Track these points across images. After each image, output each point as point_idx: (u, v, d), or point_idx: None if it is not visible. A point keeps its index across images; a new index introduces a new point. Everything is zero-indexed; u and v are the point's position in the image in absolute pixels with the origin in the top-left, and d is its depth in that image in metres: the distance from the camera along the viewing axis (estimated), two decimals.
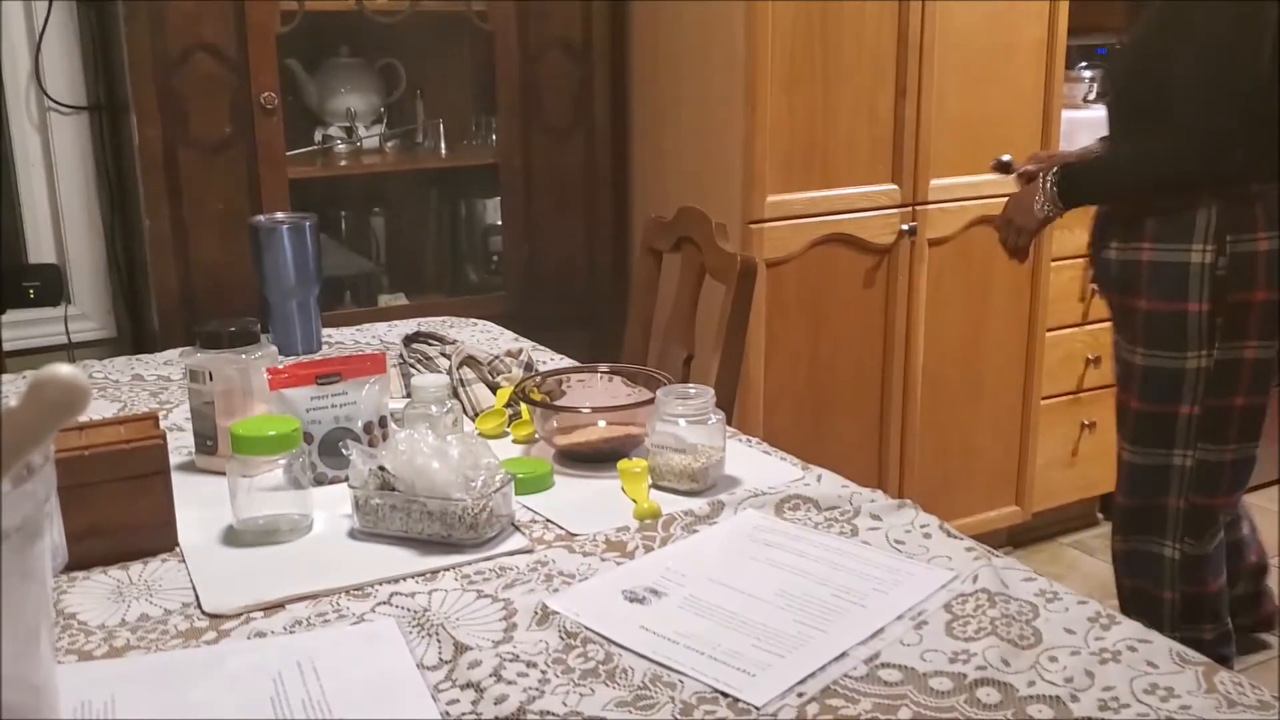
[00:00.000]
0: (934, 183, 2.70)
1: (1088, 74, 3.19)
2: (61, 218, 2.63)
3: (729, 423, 1.48)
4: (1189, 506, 2.00)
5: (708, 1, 2.52)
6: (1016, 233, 2.05)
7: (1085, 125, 2.99)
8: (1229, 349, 1.92)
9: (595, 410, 1.42)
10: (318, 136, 2.72)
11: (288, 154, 2.48)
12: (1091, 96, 3.10)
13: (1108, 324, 3.04)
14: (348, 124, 2.72)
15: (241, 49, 2.36)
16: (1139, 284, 1.96)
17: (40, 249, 2.65)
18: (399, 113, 2.86)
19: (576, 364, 1.70)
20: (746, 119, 2.47)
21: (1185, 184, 1.87)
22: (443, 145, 2.79)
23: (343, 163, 2.70)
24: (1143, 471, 2.01)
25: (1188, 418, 1.95)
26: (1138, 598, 2.06)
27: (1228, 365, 1.91)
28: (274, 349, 1.43)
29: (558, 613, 1.00)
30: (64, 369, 0.57)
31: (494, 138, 2.75)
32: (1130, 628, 0.97)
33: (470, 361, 1.62)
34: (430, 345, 1.78)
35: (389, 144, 2.79)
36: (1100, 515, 3.29)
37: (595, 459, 1.36)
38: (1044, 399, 2.98)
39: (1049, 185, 1.96)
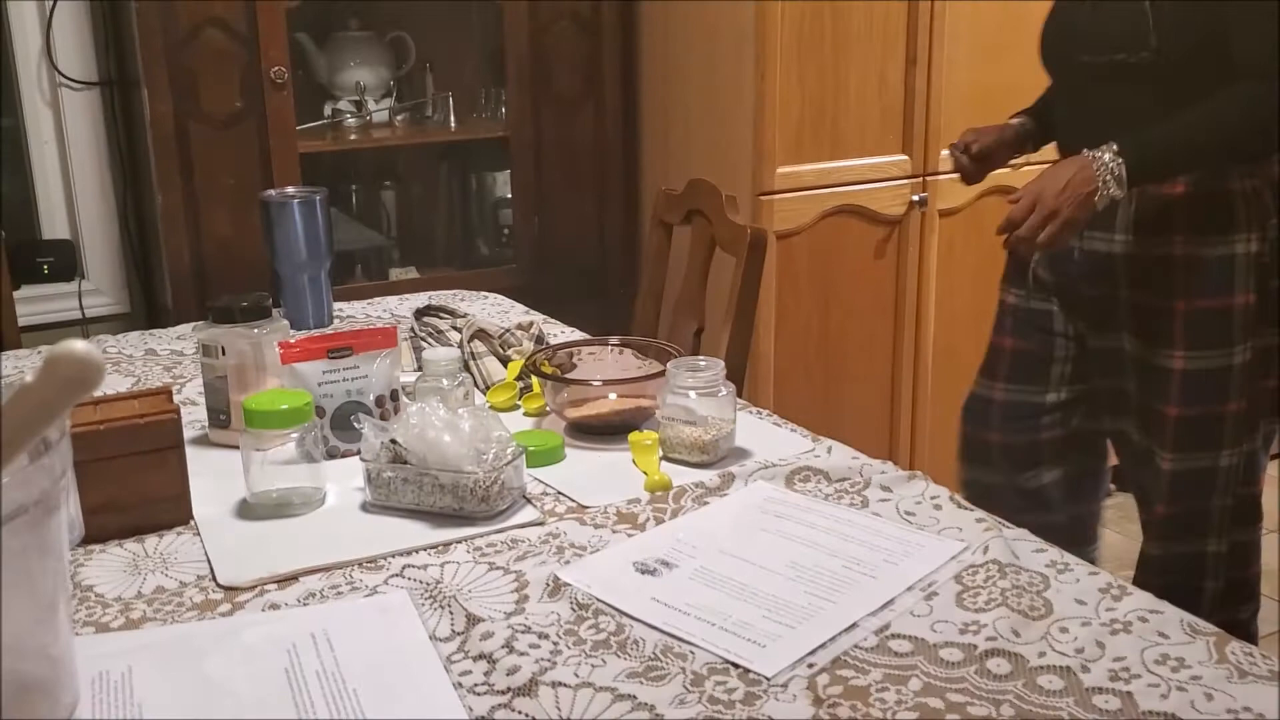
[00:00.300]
0: (945, 153, 2.68)
1: None
2: (74, 193, 2.64)
3: (739, 395, 1.48)
4: (1236, 500, 1.81)
5: None
6: (1064, 226, 1.61)
7: None
8: (1264, 335, 1.77)
9: (606, 383, 1.43)
10: (327, 110, 2.72)
11: (298, 128, 2.48)
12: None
13: None
14: (357, 98, 2.72)
15: (251, 24, 2.36)
16: (1174, 282, 1.70)
17: (53, 225, 2.66)
18: (408, 86, 2.85)
19: (587, 337, 1.70)
20: (756, 90, 2.45)
21: (1266, 138, 1.59)
22: (452, 118, 2.79)
23: (353, 137, 2.70)
24: (1190, 477, 1.79)
25: (1235, 415, 1.75)
26: (1173, 591, 1.86)
27: (1262, 351, 1.80)
28: (285, 323, 1.43)
29: (569, 584, 1.01)
30: (78, 345, 0.58)
31: (503, 111, 2.74)
32: (1141, 598, 0.97)
33: (481, 335, 1.62)
34: (441, 319, 1.79)
35: (399, 118, 2.78)
36: (1113, 486, 3.28)
37: (606, 431, 1.37)
38: None
39: (1113, 164, 1.57)
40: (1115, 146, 1.57)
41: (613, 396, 1.40)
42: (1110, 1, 1.66)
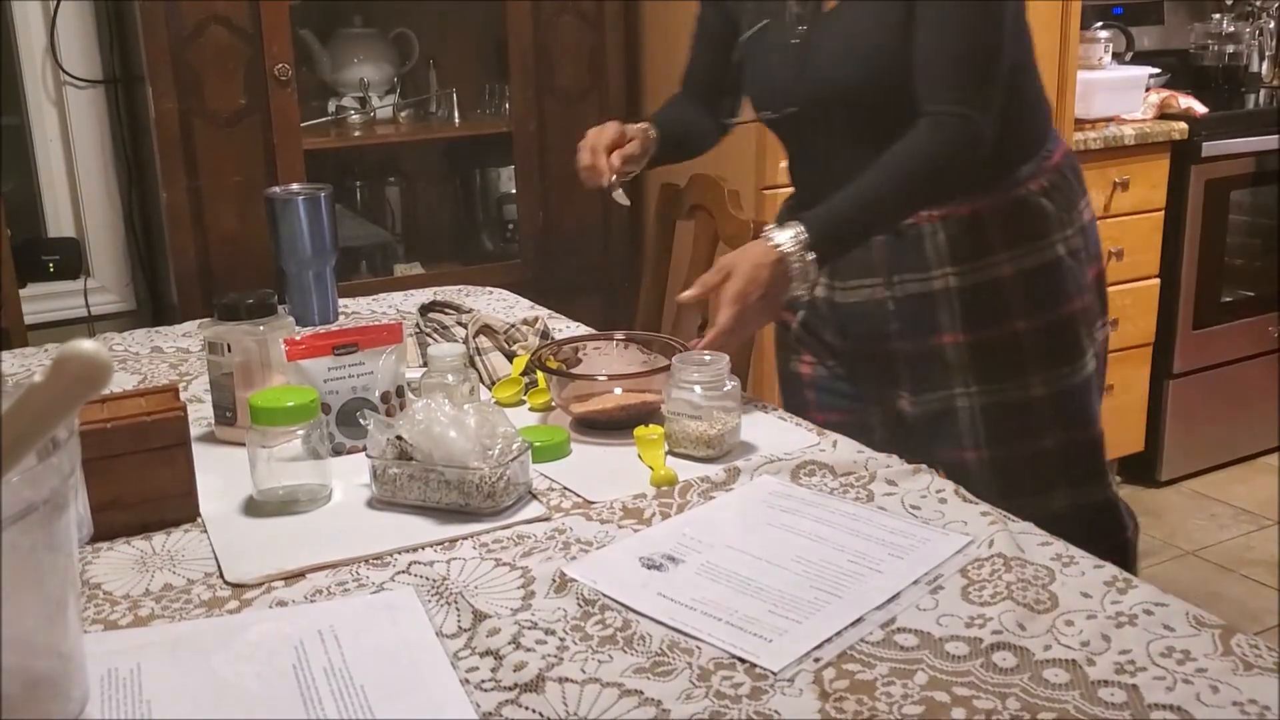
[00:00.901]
0: None
1: (1103, 34, 3.15)
2: (79, 191, 2.65)
3: (744, 389, 1.48)
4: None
5: None
6: (756, 324, 1.46)
7: (1102, 85, 2.97)
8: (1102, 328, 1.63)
9: (611, 378, 1.43)
10: (331, 107, 2.72)
11: (302, 125, 2.49)
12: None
13: (1126, 284, 3.05)
14: (361, 94, 2.72)
15: (255, 21, 2.36)
16: (1009, 303, 1.52)
17: (59, 223, 2.66)
18: (412, 82, 2.86)
19: (593, 331, 1.70)
20: None
21: (960, 185, 1.48)
22: (456, 114, 2.79)
23: (357, 133, 2.70)
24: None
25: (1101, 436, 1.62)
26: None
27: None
28: (291, 320, 1.44)
29: (575, 580, 1.01)
30: (86, 345, 0.58)
31: (507, 106, 2.74)
32: (1146, 591, 0.97)
33: (486, 330, 1.62)
34: (446, 314, 1.79)
35: (403, 114, 2.78)
36: (1118, 477, 3.28)
37: (612, 426, 1.37)
38: None
39: (805, 258, 1.37)
40: (799, 230, 1.38)
41: (618, 391, 1.40)
42: (775, 56, 1.53)
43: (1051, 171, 1.55)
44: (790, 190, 1.69)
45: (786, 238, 1.38)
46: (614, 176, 1.56)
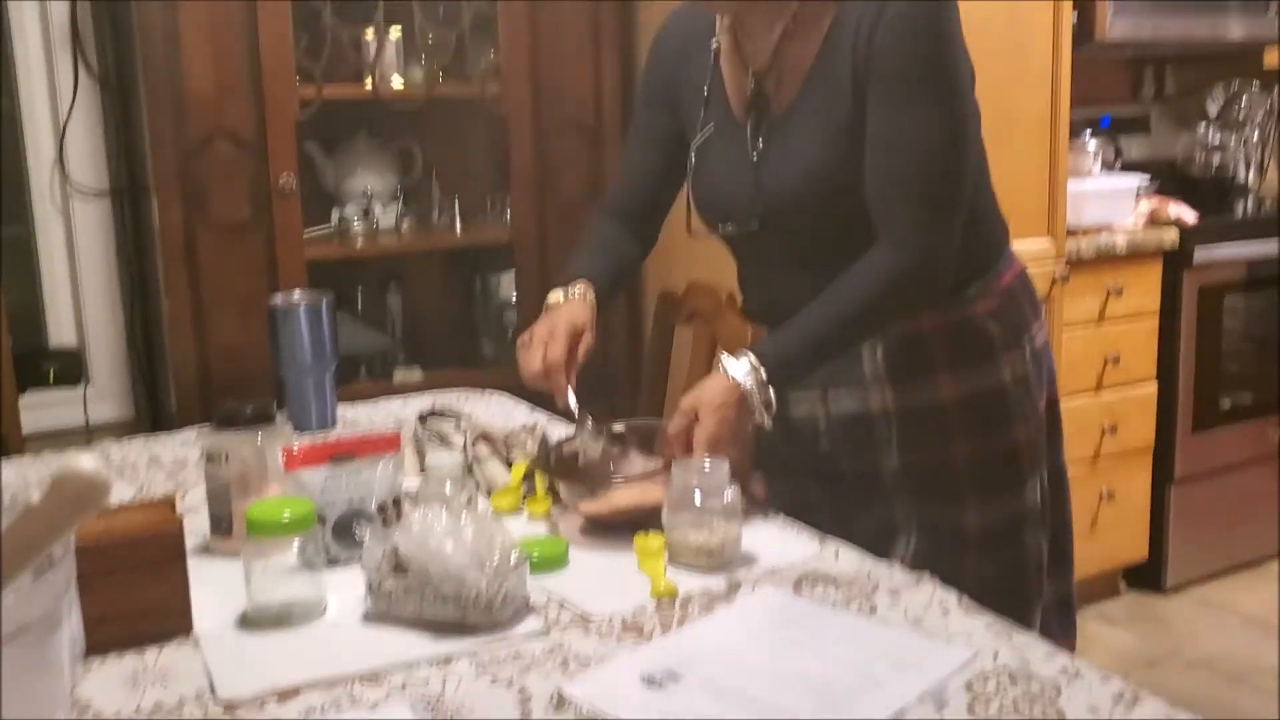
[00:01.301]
0: None
1: (1092, 144, 3.22)
2: (81, 300, 2.67)
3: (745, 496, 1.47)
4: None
5: None
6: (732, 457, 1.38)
7: (1093, 194, 3.02)
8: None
9: (627, 480, 1.42)
10: (334, 217, 2.76)
11: (305, 234, 2.52)
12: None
13: (1123, 389, 3.06)
14: (364, 204, 2.76)
15: (261, 134, 2.41)
16: (948, 427, 1.48)
17: (60, 331, 2.68)
18: (415, 191, 2.90)
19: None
20: None
21: (911, 307, 1.44)
22: (458, 223, 2.83)
23: (359, 243, 2.73)
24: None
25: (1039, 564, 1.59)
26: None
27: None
28: (289, 428, 1.44)
29: (574, 699, 0.99)
30: (85, 465, 0.58)
31: (509, 215, 2.78)
32: (1154, 705, 0.95)
33: (485, 437, 1.62)
34: (445, 421, 1.79)
35: (405, 222, 2.82)
36: (1123, 584, 3.25)
37: (623, 527, 1.35)
38: None
39: (765, 390, 1.36)
40: (755, 363, 1.36)
41: (627, 487, 1.39)
42: (730, 175, 1.50)
43: (1000, 294, 1.51)
44: None
45: (743, 374, 1.36)
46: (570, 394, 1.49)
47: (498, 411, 1.99)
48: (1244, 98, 3.67)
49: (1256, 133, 3.69)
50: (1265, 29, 3.37)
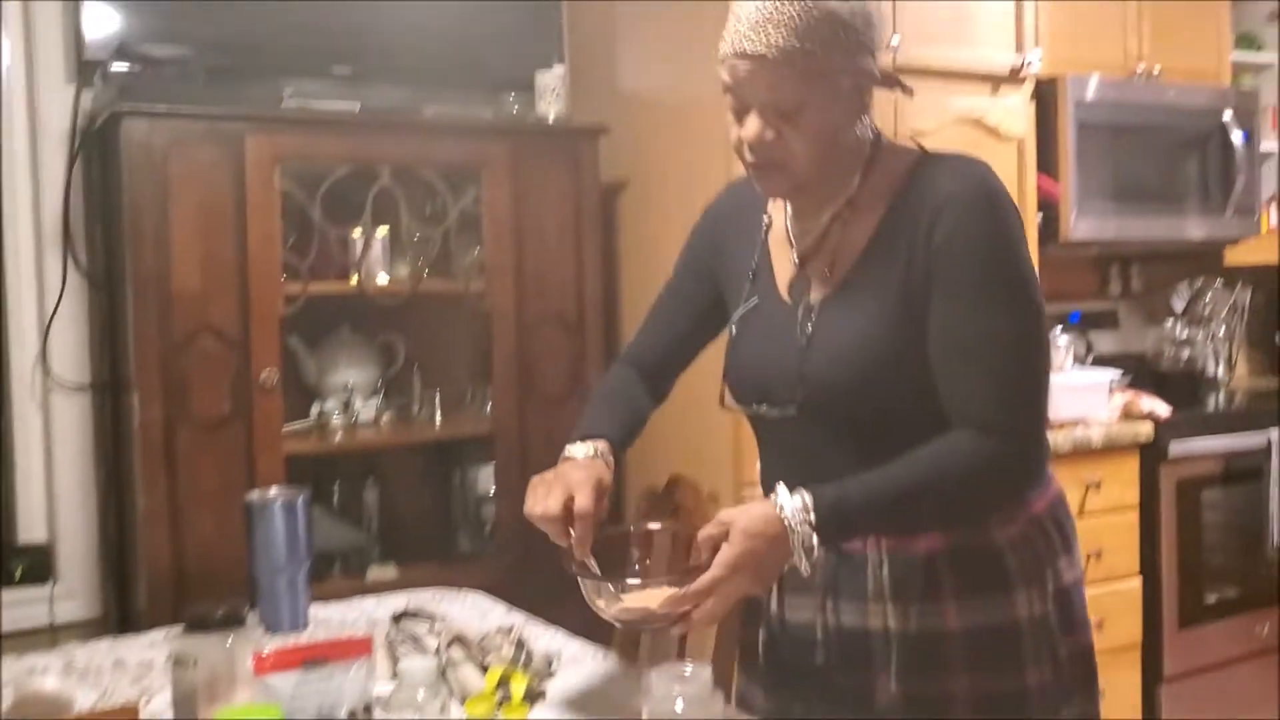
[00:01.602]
0: None
1: (1063, 339, 3.28)
2: (54, 495, 2.64)
3: (727, 699, 1.43)
4: None
5: None
6: (740, 595, 1.31)
7: (1067, 389, 3.06)
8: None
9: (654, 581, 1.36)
10: (314, 411, 2.76)
11: (284, 429, 2.52)
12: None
13: (1107, 584, 3.03)
14: (345, 398, 2.77)
15: (245, 330, 2.44)
16: (949, 661, 1.37)
17: (31, 526, 2.64)
18: (396, 385, 2.92)
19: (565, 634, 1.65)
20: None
21: (994, 494, 1.38)
22: (438, 416, 2.84)
23: (338, 437, 2.73)
24: None
25: None
26: None
27: None
28: (260, 631, 1.41)
29: None
30: (46, 686, 0.57)
31: (489, 407, 2.79)
32: None
33: (459, 640, 1.58)
34: (419, 623, 1.75)
35: (385, 416, 2.83)
36: None
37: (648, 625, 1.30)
38: None
39: (809, 535, 1.28)
40: (808, 502, 1.28)
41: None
42: (764, 348, 1.46)
43: (1025, 521, 1.41)
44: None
45: (793, 509, 1.28)
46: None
47: (474, 612, 1.95)
48: (1208, 294, 3.78)
49: (1223, 328, 3.78)
50: (1223, 229, 3.49)
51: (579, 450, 1.50)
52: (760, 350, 1.48)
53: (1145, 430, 3.08)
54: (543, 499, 1.41)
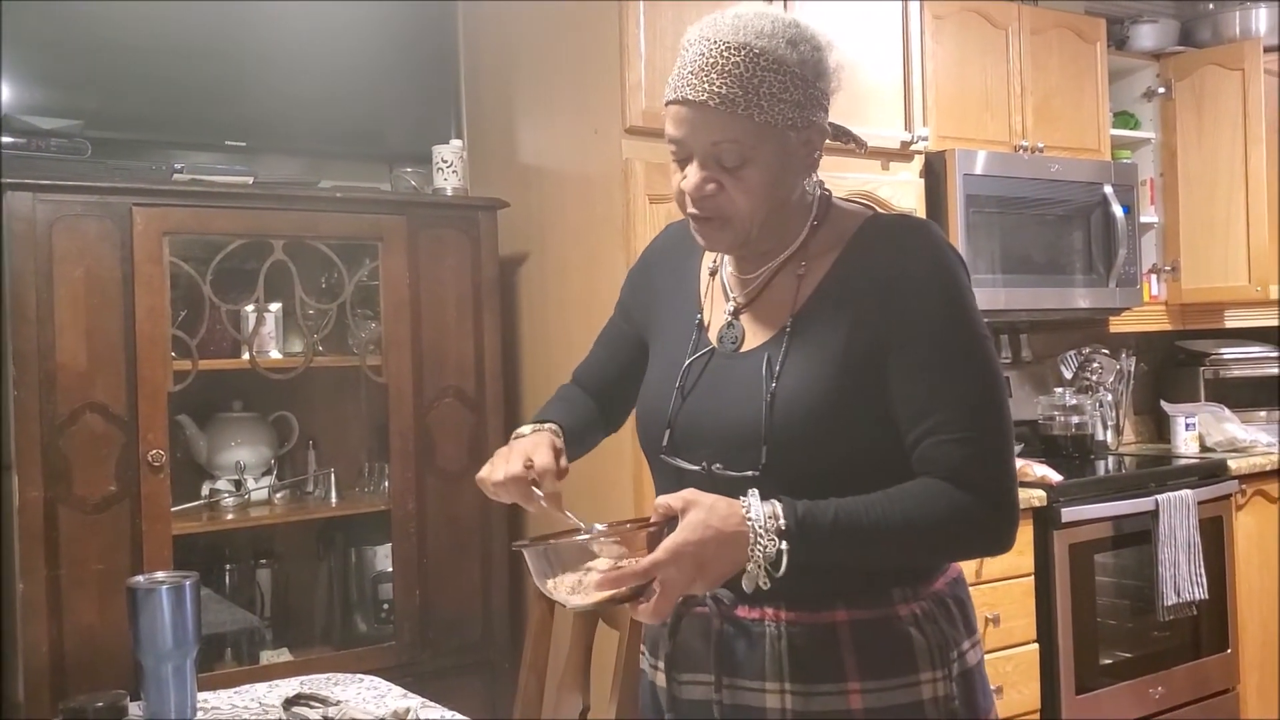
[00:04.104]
0: None
1: None
2: None
3: None
4: None
5: None
6: (683, 590, 1.24)
7: None
8: None
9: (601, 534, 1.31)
10: (205, 490, 2.69)
11: (173, 509, 2.44)
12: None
13: (1005, 651, 3.06)
14: (237, 477, 2.70)
15: (132, 407, 2.37)
16: None
17: None
18: (290, 463, 2.85)
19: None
20: (636, 472, 2.50)
21: (971, 544, 1.36)
22: (334, 493, 2.78)
23: (230, 516, 2.66)
24: None
25: None
26: None
27: None
28: None
29: None
30: None
31: (386, 484, 2.75)
32: None
33: None
34: (312, 708, 1.70)
35: (278, 494, 2.76)
36: None
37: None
38: None
39: (774, 541, 1.22)
40: (778, 510, 1.23)
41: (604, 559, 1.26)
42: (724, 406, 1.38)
43: (929, 598, 1.37)
44: None
45: (761, 512, 1.22)
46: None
47: (369, 695, 1.90)
48: (1095, 362, 3.90)
49: (1109, 395, 3.89)
50: (1107, 299, 3.62)
51: (528, 429, 1.50)
52: (710, 405, 1.39)
53: (1038, 495, 3.14)
54: (502, 465, 1.40)
